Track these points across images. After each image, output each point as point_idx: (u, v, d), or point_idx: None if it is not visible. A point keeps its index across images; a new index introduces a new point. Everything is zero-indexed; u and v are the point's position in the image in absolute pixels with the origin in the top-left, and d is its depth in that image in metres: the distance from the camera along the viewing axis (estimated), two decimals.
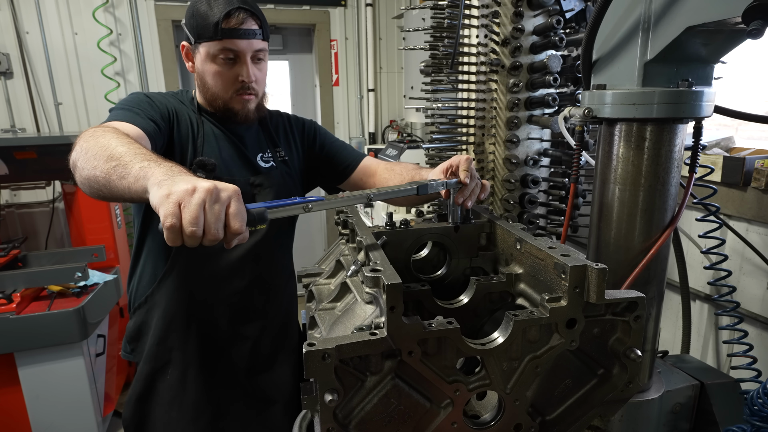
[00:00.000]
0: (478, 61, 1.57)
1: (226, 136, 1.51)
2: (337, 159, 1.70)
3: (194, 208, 0.76)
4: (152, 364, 1.50)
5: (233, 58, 1.39)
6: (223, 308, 1.51)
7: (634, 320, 0.80)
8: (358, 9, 4.43)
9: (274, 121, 1.66)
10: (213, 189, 0.78)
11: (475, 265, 1.09)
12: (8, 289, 2.44)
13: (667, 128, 1.02)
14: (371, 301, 0.86)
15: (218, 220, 0.78)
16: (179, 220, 0.76)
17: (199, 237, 0.77)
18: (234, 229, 0.80)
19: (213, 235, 0.78)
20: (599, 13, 1.00)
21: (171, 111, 1.42)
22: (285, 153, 1.63)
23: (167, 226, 0.76)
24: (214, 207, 0.78)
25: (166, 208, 0.77)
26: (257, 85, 1.45)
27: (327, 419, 0.69)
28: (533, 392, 0.82)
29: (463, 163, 1.15)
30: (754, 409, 1.03)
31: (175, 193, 0.77)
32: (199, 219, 0.76)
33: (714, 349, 1.83)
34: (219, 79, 1.41)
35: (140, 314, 1.52)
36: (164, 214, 0.76)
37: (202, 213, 0.77)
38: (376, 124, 4.67)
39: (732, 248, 1.68)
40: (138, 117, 1.28)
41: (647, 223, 1.07)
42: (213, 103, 1.47)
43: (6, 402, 2.39)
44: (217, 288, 1.49)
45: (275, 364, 1.63)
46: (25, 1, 3.55)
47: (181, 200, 0.77)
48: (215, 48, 1.36)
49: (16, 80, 3.64)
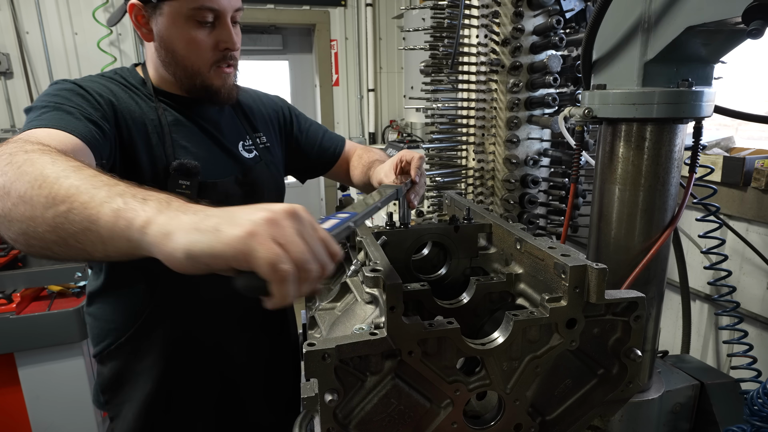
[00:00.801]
0: (478, 61, 1.57)
1: (197, 125, 1.20)
2: (321, 145, 1.49)
3: (297, 241, 0.54)
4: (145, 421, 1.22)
5: (211, 21, 1.10)
6: (228, 336, 1.27)
7: (634, 320, 0.80)
8: (358, 9, 4.43)
9: (244, 100, 1.36)
10: (293, 211, 0.57)
11: (475, 265, 1.09)
12: (8, 289, 2.44)
13: (667, 128, 1.02)
14: (371, 301, 0.86)
15: (323, 248, 0.58)
16: (291, 262, 0.53)
17: (316, 278, 0.56)
18: (335, 253, 0.60)
19: (326, 270, 0.58)
20: (599, 13, 1.00)
21: (114, 104, 1.09)
22: (266, 139, 1.37)
23: (281, 277, 0.52)
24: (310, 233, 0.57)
25: (266, 251, 0.52)
26: (238, 53, 1.19)
27: (327, 419, 0.69)
28: (533, 392, 0.82)
29: (415, 161, 1.10)
30: (754, 409, 1.03)
31: (260, 227, 0.53)
32: (308, 253, 0.55)
33: (714, 349, 1.83)
34: (195, 48, 1.11)
35: (118, 359, 1.22)
36: (269, 260, 0.52)
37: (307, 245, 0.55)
38: (376, 124, 4.68)
39: (732, 248, 1.68)
40: (72, 119, 0.94)
41: (647, 223, 1.07)
42: (186, 81, 1.16)
43: (6, 402, 2.39)
44: (217, 314, 1.22)
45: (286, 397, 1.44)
46: (25, 1, 3.55)
47: (274, 236, 0.53)
48: (188, 7, 1.07)
49: (16, 80, 3.65)
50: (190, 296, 1.21)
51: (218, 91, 1.18)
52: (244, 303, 1.28)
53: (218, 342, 1.27)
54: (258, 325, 1.35)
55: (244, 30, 1.22)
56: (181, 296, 1.20)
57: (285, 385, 1.44)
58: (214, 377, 1.28)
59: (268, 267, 0.52)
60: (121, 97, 1.12)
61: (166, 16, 1.09)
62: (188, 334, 1.23)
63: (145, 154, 1.11)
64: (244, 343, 1.32)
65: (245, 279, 0.54)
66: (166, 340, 1.21)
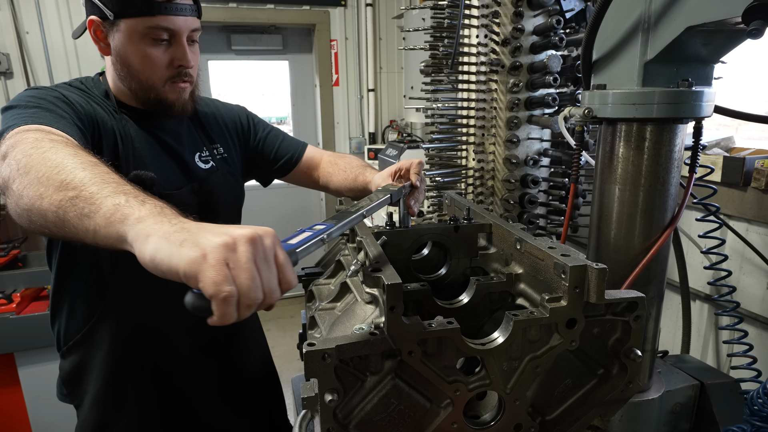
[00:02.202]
0: (478, 61, 1.57)
1: (155, 138, 1.26)
2: (280, 151, 1.52)
3: (249, 267, 0.57)
4: (101, 410, 1.28)
5: (167, 39, 1.15)
6: (181, 337, 1.31)
7: (634, 320, 0.80)
8: (358, 9, 4.43)
9: (203, 112, 1.42)
10: (256, 237, 0.60)
11: (475, 265, 1.09)
12: (8, 289, 2.44)
13: (667, 128, 1.02)
14: (371, 301, 0.86)
15: (274, 276, 0.61)
16: (235, 286, 0.57)
17: (259, 303, 0.59)
18: (289, 282, 0.62)
19: (273, 297, 0.60)
20: (599, 13, 1.00)
21: (92, 116, 1.14)
22: (223, 149, 1.41)
23: (223, 298, 0.55)
24: (266, 261, 0.60)
25: (213, 273, 0.56)
26: (193, 71, 1.24)
27: (327, 419, 0.69)
28: (533, 392, 0.82)
29: (415, 166, 1.12)
30: (754, 409, 1.03)
31: (214, 250, 0.57)
32: (257, 280, 0.58)
33: (714, 349, 1.83)
34: (149, 64, 1.15)
35: (76, 354, 1.29)
36: (213, 282, 0.55)
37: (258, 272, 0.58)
38: (376, 124, 4.68)
39: (732, 248, 1.68)
40: (66, 123, 1.00)
41: (647, 223, 1.07)
42: (141, 94, 1.20)
43: (6, 402, 2.39)
44: (170, 315, 1.24)
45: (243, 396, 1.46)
46: (25, 1, 3.55)
47: (226, 259, 0.57)
48: (144, 26, 1.11)
49: (16, 80, 3.65)
50: (142, 296, 1.25)
51: (172, 104, 1.23)
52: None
53: (167, 341, 1.31)
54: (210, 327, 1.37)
55: (244, 30, 1.32)
56: (132, 297, 1.25)
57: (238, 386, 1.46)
58: (165, 376, 1.32)
59: (212, 288, 0.56)
60: (96, 108, 1.17)
61: (122, 32, 1.13)
62: (138, 333, 1.27)
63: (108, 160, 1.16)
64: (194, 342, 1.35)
65: (192, 297, 0.58)
66: (117, 337, 1.26)
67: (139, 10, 1.10)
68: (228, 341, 1.43)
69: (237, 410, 1.45)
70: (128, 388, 1.29)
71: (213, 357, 1.39)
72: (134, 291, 1.24)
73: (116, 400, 1.28)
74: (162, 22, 1.12)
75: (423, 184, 1.12)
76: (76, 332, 1.27)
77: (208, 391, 1.38)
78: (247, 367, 1.49)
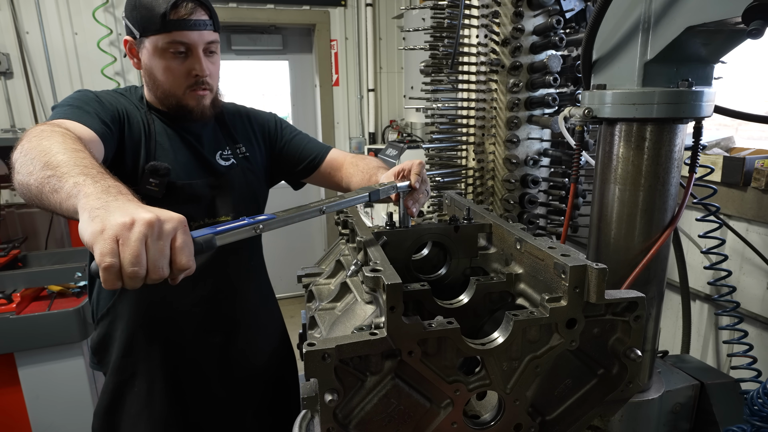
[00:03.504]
0: (478, 61, 1.57)
1: (180, 136, 1.42)
2: (304, 153, 1.63)
3: (135, 245, 0.67)
4: (118, 377, 1.45)
5: (184, 52, 1.30)
6: (187, 316, 1.45)
7: (634, 320, 0.80)
8: (358, 9, 4.43)
9: (230, 116, 1.57)
10: (155, 221, 0.69)
11: (475, 265, 1.09)
12: (8, 289, 2.44)
13: (667, 128, 1.02)
14: (371, 301, 0.86)
15: (163, 256, 0.70)
16: (118, 259, 0.67)
17: (142, 277, 0.69)
18: (181, 264, 0.72)
19: (157, 273, 0.69)
20: (599, 13, 1.00)
21: (121, 112, 1.32)
22: (246, 149, 1.55)
23: (104, 267, 0.66)
24: (158, 242, 0.69)
25: (101, 246, 0.67)
26: (211, 79, 1.38)
27: (327, 419, 0.69)
28: (533, 392, 0.82)
29: (415, 167, 1.14)
30: (754, 409, 1.03)
31: (111, 227, 0.68)
32: (141, 257, 0.67)
33: (714, 349, 1.83)
34: (170, 75, 1.32)
35: (103, 325, 1.46)
36: (100, 252, 0.67)
37: (144, 250, 0.68)
38: (376, 124, 4.67)
39: (732, 248, 1.68)
40: (90, 117, 1.17)
41: (647, 223, 1.07)
42: (165, 101, 1.38)
43: (6, 402, 2.39)
44: (179, 295, 1.40)
45: (247, 370, 1.57)
46: (25, 1, 3.55)
47: (118, 236, 0.67)
48: (163, 41, 1.27)
49: (16, 80, 3.65)
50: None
51: (192, 110, 1.38)
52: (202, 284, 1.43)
53: (179, 316, 1.45)
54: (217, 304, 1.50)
55: (244, 30, 1.40)
56: None
57: (247, 363, 1.57)
58: (174, 349, 1.46)
59: (98, 258, 0.67)
60: (127, 107, 1.36)
61: (147, 48, 1.31)
62: (153, 306, 1.42)
63: (131, 155, 1.32)
64: (203, 319, 1.48)
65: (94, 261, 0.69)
66: (134, 311, 1.42)
67: (158, 28, 1.26)
68: (232, 322, 1.53)
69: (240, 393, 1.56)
70: (140, 358, 1.43)
71: (217, 334, 1.50)
72: None
73: (130, 369, 1.44)
74: (178, 38, 1.27)
75: (424, 185, 1.13)
76: (104, 305, 1.44)
77: (212, 365, 1.50)
78: (254, 351, 1.59)
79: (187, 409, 1.48)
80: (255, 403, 1.59)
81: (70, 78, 3.75)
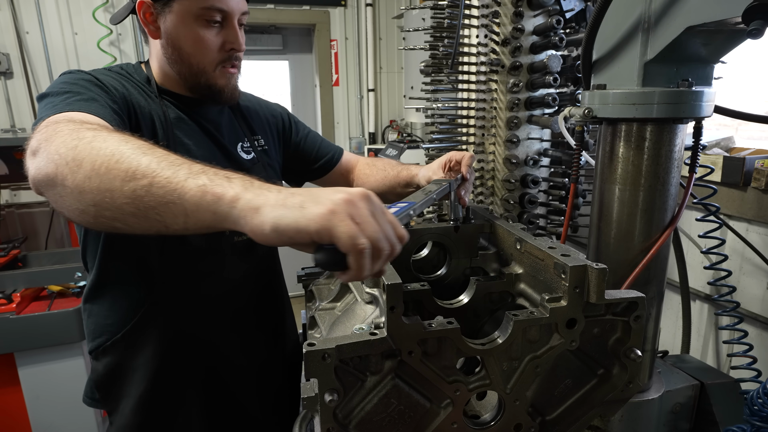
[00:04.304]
0: (478, 61, 1.57)
1: (198, 125, 1.23)
2: (320, 151, 1.54)
3: (371, 220, 0.60)
4: (144, 416, 1.22)
5: (219, 21, 1.13)
6: (225, 336, 1.28)
7: (634, 320, 0.80)
8: (358, 9, 4.43)
9: (243, 104, 1.40)
10: (367, 195, 0.63)
11: (475, 265, 1.09)
12: (8, 289, 2.44)
13: (667, 128, 1.02)
14: (371, 301, 0.86)
15: (389, 229, 0.63)
16: (366, 238, 0.59)
17: (387, 255, 0.62)
18: (403, 235, 0.65)
19: (393, 249, 0.63)
20: (599, 13, 1.00)
21: (128, 99, 1.11)
22: (264, 142, 1.40)
23: (359, 250, 0.58)
24: (382, 215, 0.63)
25: (346, 228, 0.58)
26: (242, 55, 1.22)
27: (327, 419, 0.69)
28: (533, 392, 0.82)
29: (467, 159, 1.14)
30: (754, 409, 1.03)
31: (340, 206, 0.59)
32: (380, 232, 0.60)
33: (714, 349, 1.83)
34: (201, 47, 1.13)
35: (113, 355, 1.22)
36: (349, 234, 0.58)
37: (378, 225, 0.61)
38: (376, 124, 4.68)
39: (732, 248, 1.68)
40: (99, 106, 0.96)
41: (647, 223, 1.07)
42: (191, 78, 1.18)
43: (6, 402, 2.39)
44: (214, 313, 1.24)
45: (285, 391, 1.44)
46: (25, 1, 3.55)
47: (351, 214, 0.59)
48: (198, 6, 1.09)
49: (16, 80, 3.64)
50: (187, 294, 1.22)
51: (222, 90, 1.20)
52: (239, 302, 1.30)
53: (212, 340, 1.27)
54: (254, 325, 1.36)
55: (244, 30, 1.25)
56: (177, 294, 1.21)
57: (279, 384, 1.45)
58: (209, 375, 1.28)
59: (348, 240, 0.58)
60: (131, 91, 1.14)
61: (175, 14, 1.11)
62: (183, 332, 1.23)
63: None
64: (239, 341, 1.32)
65: (326, 253, 0.59)
66: (162, 336, 1.21)
67: None
68: (269, 339, 1.40)
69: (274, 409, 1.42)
70: (175, 392, 1.24)
71: (254, 357, 1.36)
72: (179, 289, 1.20)
73: (163, 404, 1.23)
74: (216, 3, 1.10)
75: (473, 176, 1.15)
76: (114, 333, 1.21)
77: (249, 387, 1.35)
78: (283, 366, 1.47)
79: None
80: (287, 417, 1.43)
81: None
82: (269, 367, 1.40)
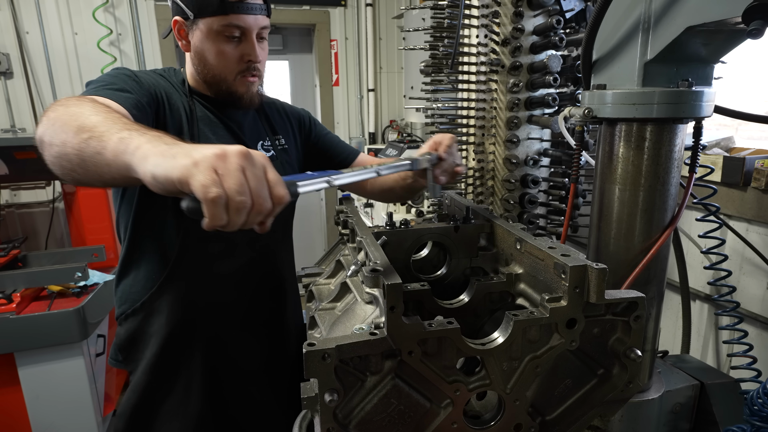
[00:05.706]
0: (478, 61, 1.57)
1: (222, 123, 1.38)
2: (335, 151, 1.64)
3: (237, 174, 0.64)
4: (152, 376, 1.38)
5: (238, 36, 1.27)
6: (231, 313, 1.42)
7: (634, 320, 0.80)
8: (358, 9, 4.43)
9: (268, 106, 1.55)
10: (246, 152, 0.66)
11: (475, 265, 1.09)
12: (8, 289, 2.44)
13: (667, 128, 1.02)
14: (371, 301, 0.86)
15: (263, 186, 0.66)
16: (223, 189, 0.63)
17: (248, 209, 0.65)
18: (279, 196, 0.68)
19: (262, 205, 0.66)
20: (599, 13, 1.00)
21: (160, 94, 1.27)
22: (284, 140, 1.53)
23: (211, 198, 0.62)
24: (257, 173, 0.66)
25: (202, 177, 0.63)
26: (261, 66, 1.36)
27: (327, 419, 0.69)
28: (533, 392, 0.82)
29: (446, 140, 1.17)
30: (754, 409, 1.03)
31: (205, 158, 0.64)
32: (245, 186, 0.64)
33: (714, 349, 1.83)
34: (222, 59, 1.28)
35: (134, 321, 1.39)
36: (202, 184, 0.62)
37: (245, 180, 0.65)
38: (376, 124, 4.67)
39: (732, 248, 1.68)
40: (121, 95, 1.11)
41: (647, 223, 1.07)
42: (215, 85, 1.34)
43: (6, 402, 2.39)
44: (224, 291, 1.39)
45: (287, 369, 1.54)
46: (25, 1, 3.55)
47: (215, 166, 0.64)
48: (219, 24, 1.24)
49: (16, 80, 3.65)
50: (202, 269, 1.36)
51: (241, 96, 1.34)
52: (247, 285, 1.41)
53: (223, 314, 1.41)
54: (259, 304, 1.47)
55: None
56: (192, 269, 1.35)
57: (284, 362, 1.55)
58: (217, 346, 1.41)
59: (200, 189, 0.63)
60: (167, 89, 1.31)
61: (201, 30, 1.27)
62: (195, 303, 1.37)
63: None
64: (248, 318, 1.45)
65: (186, 200, 0.65)
66: (174, 306, 1.35)
67: (215, 10, 1.22)
68: (275, 316, 1.51)
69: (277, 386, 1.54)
70: (180, 356, 1.38)
71: (260, 332, 1.48)
72: (195, 265, 1.35)
73: (168, 367, 1.38)
74: (234, 21, 1.24)
75: (452, 157, 1.16)
76: (136, 300, 1.37)
77: (254, 363, 1.47)
78: (289, 347, 1.57)
79: (224, 407, 1.45)
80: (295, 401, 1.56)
81: (70, 78, 3.75)
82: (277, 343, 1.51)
